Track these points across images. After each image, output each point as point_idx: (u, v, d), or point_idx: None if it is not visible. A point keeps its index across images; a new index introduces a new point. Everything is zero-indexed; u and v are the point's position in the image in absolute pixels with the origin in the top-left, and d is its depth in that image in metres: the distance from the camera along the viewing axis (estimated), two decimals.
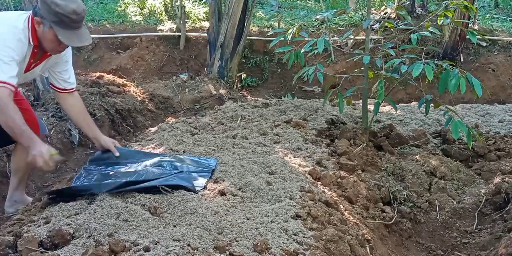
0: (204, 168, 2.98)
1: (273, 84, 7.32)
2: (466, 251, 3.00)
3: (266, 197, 2.68)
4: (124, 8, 8.54)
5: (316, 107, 4.57)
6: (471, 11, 3.91)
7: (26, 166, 3.08)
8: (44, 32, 2.60)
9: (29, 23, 2.63)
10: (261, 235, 2.23)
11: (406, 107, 5.21)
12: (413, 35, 3.78)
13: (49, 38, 2.62)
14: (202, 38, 7.34)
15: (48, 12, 2.55)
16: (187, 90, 6.02)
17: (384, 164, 3.73)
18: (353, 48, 6.43)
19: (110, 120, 4.33)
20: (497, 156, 3.98)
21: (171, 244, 2.06)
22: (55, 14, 2.55)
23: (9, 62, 2.54)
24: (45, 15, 2.57)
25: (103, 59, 7.21)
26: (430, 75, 3.33)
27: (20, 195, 3.22)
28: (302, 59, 3.86)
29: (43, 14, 2.57)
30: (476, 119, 4.71)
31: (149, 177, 2.76)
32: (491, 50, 7.18)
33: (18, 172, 3.18)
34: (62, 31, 2.58)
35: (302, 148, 3.52)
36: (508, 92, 6.76)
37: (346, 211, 2.80)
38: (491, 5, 9.54)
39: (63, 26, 2.58)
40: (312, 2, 9.80)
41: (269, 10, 4.25)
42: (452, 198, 3.49)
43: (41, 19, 2.58)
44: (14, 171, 3.20)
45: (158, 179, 2.72)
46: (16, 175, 3.19)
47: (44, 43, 2.66)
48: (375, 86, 3.82)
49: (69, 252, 2.04)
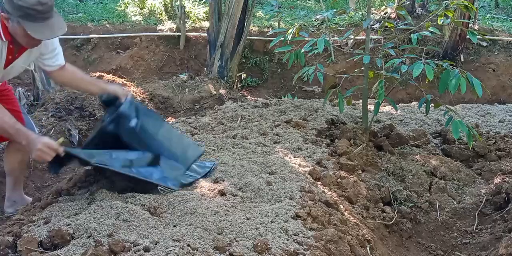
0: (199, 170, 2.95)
1: (273, 84, 7.32)
2: (467, 251, 3.00)
3: (266, 197, 2.67)
4: (124, 8, 8.54)
5: (316, 107, 4.56)
6: (471, 11, 3.91)
7: (20, 166, 3.05)
8: (14, 27, 2.48)
9: None
10: (261, 235, 2.22)
11: (406, 107, 5.20)
12: (413, 35, 3.78)
13: (19, 33, 2.49)
14: (202, 38, 7.34)
15: (13, 7, 2.43)
16: (187, 90, 6.01)
17: (384, 164, 3.73)
18: (353, 48, 6.43)
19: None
20: (498, 156, 3.97)
21: (171, 244, 2.06)
22: (19, 8, 2.41)
23: None
24: (10, 10, 2.44)
25: (103, 59, 7.21)
26: (430, 75, 3.33)
27: (18, 195, 3.20)
28: (302, 59, 3.85)
29: (8, 9, 2.44)
30: (476, 119, 4.70)
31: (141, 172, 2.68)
32: (492, 50, 7.18)
33: (12, 173, 3.13)
34: (30, 25, 2.43)
35: (302, 148, 3.52)
36: (508, 92, 6.76)
37: (346, 211, 2.80)
38: (491, 5, 9.55)
39: (31, 19, 2.43)
40: (312, 2, 9.81)
41: (269, 10, 4.24)
42: (453, 198, 3.49)
43: (7, 15, 2.46)
44: (8, 172, 3.16)
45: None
46: (11, 176, 3.15)
47: (17, 38, 2.55)
48: (375, 86, 3.82)
49: (68, 252, 2.03)
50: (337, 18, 7.57)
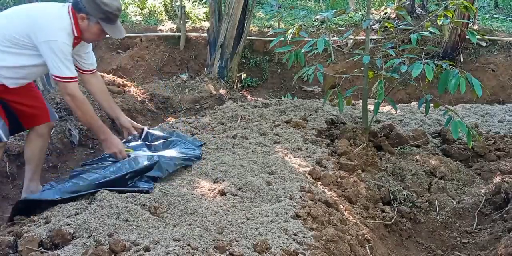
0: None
1: (273, 84, 7.32)
2: (466, 251, 3.00)
3: (266, 197, 2.68)
4: (124, 8, 8.54)
5: (316, 107, 4.57)
6: (471, 11, 3.91)
7: (40, 153, 3.25)
8: (90, 26, 2.90)
9: (71, 17, 2.87)
10: (261, 235, 2.23)
11: (406, 107, 5.21)
12: (413, 35, 3.78)
13: (93, 31, 2.92)
14: (202, 38, 7.34)
15: (97, 11, 2.84)
16: (187, 90, 6.02)
17: (384, 164, 3.73)
18: (353, 48, 6.43)
19: (110, 120, 4.32)
20: (497, 156, 3.98)
21: (171, 244, 2.06)
22: (104, 12, 2.85)
23: (70, 58, 2.86)
24: (92, 13, 2.85)
25: (103, 59, 7.21)
26: (430, 75, 3.33)
27: (35, 185, 3.28)
28: (302, 59, 3.86)
29: (90, 11, 2.85)
30: (476, 119, 4.71)
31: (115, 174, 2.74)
32: (491, 50, 7.19)
33: (32, 161, 3.26)
34: (108, 26, 2.92)
35: (302, 148, 3.53)
36: (507, 92, 6.77)
37: (346, 211, 2.80)
38: (491, 5, 9.55)
39: (109, 22, 2.90)
40: (312, 2, 9.81)
41: (269, 10, 4.24)
42: (452, 198, 3.49)
43: (87, 16, 2.86)
44: (28, 160, 3.27)
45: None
46: (31, 164, 3.27)
47: (86, 34, 2.94)
48: (375, 86, 3.82)
49: (69, 252, 2.04)
50: (337, 18, 7.58)
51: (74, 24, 2.88)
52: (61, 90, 3.01)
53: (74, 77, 2.88)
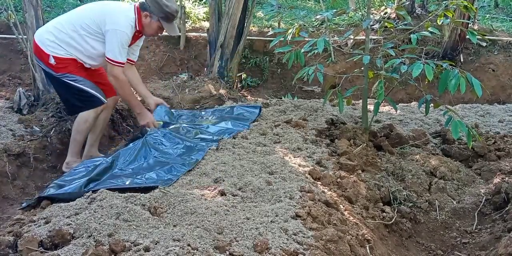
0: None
1: (273, 84, 7.32)
2: (466, 251, 3.00)
3: (266, 197, 2.68)
4: None
5: (316, 107, 4.57)
6: (471, 11, 3.92)
7: (103, 122, 3.87)
8: (151, 23, 3.60)
9: (136, 13, 3.56)
10: (261, 235, 2.23)
11: (406, 107, 5.21)
12: (413, 35, 3.78)
13: (153, 27, 3.63)
14: (202, 38, 7.34)
15: (159, 11, 3.54)
16: (187, 90, 6.01)
17: (384, 164, 3.73)
18: (353, 48, 6.42)
19: (110, 120, 4.32)
20: (497, 156, 3.98)
21: (171, 244, 2.06)
22: (165, 13, 3.55)
23: (126, 47, 3.55)
24: (155, 12, 3.55)
25: None
26: (430, 75, 3.33)
27: (95, 151, 3.87)
28: (302, 59, 3.86)
29: (153, 11, 3.55)
30: (476, 119, 4.71)
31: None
32: (491, 50, 7.18)
33: (97, 129, 3.81)
34: (166, 24, 3.63)
35: (302, 148, 3.52)
36: (508, 92, 6.76)
37: (346, 211, 2.80)
38: (491, 5, 9.54)
39: (167, 20, 3.61)
40: (312, 2, 9.81)
41: (269, 10, 4.24)
42: (452, 198, 3.49)
43: (150, 14, 3.56)
44: (94, 127, 3.77)
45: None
46: (95, 132, 3.82)
47: (146, 29, 3.65)
48: (375, 86, 3.82)
49: (69, 252, 2.04)
50: (337, 18, 7.57)
51: (138, 19, 3.56)
52: (108, 71, 3.59)
53: (123, 63, 3.54)
